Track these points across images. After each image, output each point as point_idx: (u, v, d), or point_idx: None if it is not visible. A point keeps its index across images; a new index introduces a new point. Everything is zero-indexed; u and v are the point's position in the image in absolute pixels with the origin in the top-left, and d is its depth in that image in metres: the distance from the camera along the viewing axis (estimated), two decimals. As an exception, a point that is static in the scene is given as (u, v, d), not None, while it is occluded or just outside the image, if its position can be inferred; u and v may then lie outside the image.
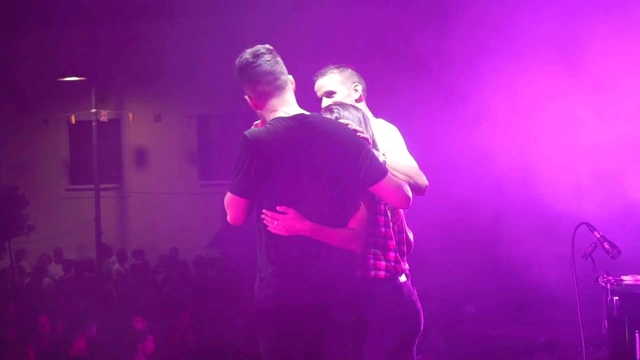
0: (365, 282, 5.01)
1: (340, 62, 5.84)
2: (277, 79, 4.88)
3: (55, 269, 21.47)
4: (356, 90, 5.69)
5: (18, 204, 21.65)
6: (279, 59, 4.94)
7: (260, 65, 4.86)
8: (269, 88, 4.87)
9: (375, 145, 5.24)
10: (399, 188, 4.92)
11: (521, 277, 12.37)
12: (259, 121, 5.07)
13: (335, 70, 5.73)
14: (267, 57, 4.88)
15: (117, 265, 21.87)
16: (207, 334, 13.42)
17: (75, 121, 23.32)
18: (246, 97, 4.97)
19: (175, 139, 24.52)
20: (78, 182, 25.35)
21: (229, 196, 4.81)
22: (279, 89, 4.89)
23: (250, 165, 4.68)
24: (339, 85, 5.68)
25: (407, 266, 5.41)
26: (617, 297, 5.95)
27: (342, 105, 5.35)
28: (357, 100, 5.62)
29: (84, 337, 12.55)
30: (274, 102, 4.89)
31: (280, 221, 4.67)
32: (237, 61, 4.93)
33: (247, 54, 4.90)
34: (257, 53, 4.88)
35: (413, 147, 5.57)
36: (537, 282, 12.33)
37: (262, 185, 4.72)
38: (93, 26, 23.30)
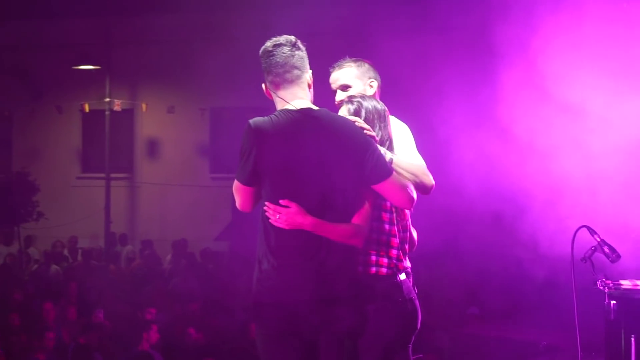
0: (366, 278, 5.03)
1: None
2: (287, 71, 4.89)
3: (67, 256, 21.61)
4: (371, 86, 5.62)
5: (28, 191, 21.70)
6: (298, 52, 4.94)
7: (274, 55, 4.89)
8: (278, 79, 4.90)
9: (391, 143, 5.25)
10: (403, 188, 4.93)
11: (525, 279, 12.36)
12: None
13: (353, 64, 5.67)
14: (285, 48, 4.90)
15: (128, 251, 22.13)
16: (211, 327, 13.46)
17: (89, 110, 23.32)
18: (263, 84, 5.01)
19: (187, 131, 24.51)
20: (89, 170, 25.38)
21: (235, 183, 4.85)
22: (287, 81, 4.90)
23: (251, 153, 4.70)
24: (355, 80, 5.64)
25: (409, 264, 5.43)
26: (614, 302, 5.96)
27: (363, 97, 5.33)
28: (372, 97, 5.59)
29: (94, 326, 12.65)
30: (281, 93, 4.90)
31: (282, 215, 4.67)
32: (260, 52, 4.96)
33: (268, 42, 4.94)
34: (277, 43, 4.92)
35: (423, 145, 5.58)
36: (541, 285, 12.33)
37: (263, 176, 4.74)
38: (110, 15, 23.33)
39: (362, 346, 5.01)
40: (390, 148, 5.20)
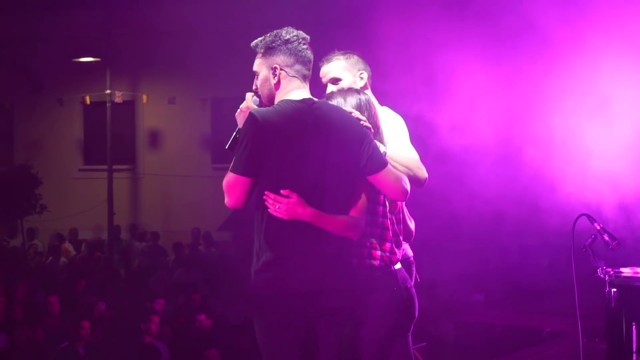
0: (360, 269, 5.01)
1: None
2: (310, 69, 4.96)
3: (70, 249, 21.57)
4: (362, 77, 5.66)
5: (31, 183, 21.72)
6: None
7: (308, 49, 4.93)
8: (303, 73, 4.92)
9: (380, 134, 5.23)
10: (397, 180, 4.90)
11: (530, 267, 12.40)
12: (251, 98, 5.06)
13: (341, 57, 5.70)
14: (308, 47, 4.95)
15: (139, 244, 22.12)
16: (215, 317, 13.45)
17: (90, 102, 23.37)
18: (270, 66, 4.91)
19: (189, 122, 24.54)
20: (91, 162, 25.44)
21: (230, 177, 4.75)
22: (307, 77, 4.95)
23: (256, 143, 4.64)
24: (345, 72, 5.66)
25: (411, 253, 5.42)
26: (615, 289, 5.94)
27: (347, 91, 5.33)
28: (363, 88, 5.57)
29: (93, 317, 12.60)
30: (297, 84, 4.90)
31: (282, 205, 4.64)
32: (284, 33, 4.91)
33: (300, 33, 4.95)
34: (307, 40, 4.95)
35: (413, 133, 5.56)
36: (545, 273, 12.35)
37: (265, 166, 4.69)
38: (110, 7, 23.31)
39: (361, 336, 5.00)
40: (377, 139, 5.17)
